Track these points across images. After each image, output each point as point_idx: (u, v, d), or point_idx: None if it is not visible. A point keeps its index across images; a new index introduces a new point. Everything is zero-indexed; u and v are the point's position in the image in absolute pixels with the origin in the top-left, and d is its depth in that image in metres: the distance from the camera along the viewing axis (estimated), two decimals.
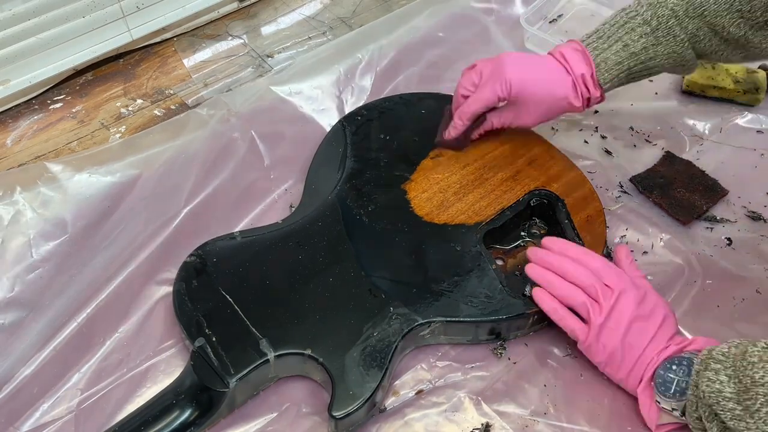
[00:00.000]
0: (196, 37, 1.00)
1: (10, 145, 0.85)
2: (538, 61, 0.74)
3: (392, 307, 0.66)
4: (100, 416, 0.63)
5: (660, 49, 0.71)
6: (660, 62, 0.72)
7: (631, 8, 0.72)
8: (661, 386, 0.60)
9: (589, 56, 0.72)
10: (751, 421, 0.52)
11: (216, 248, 0.70)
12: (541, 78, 0.73)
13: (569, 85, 0.73)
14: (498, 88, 0.72)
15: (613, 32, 0.72)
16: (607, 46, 0.72)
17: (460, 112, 0.76)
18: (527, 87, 0.72)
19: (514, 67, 0.72)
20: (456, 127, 0.77)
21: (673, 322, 0.64)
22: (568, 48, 0.74)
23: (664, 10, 0.70)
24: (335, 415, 0.60)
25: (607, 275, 0.65)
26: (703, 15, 0.68)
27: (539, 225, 0.77)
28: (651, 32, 0.70)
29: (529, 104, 0.74)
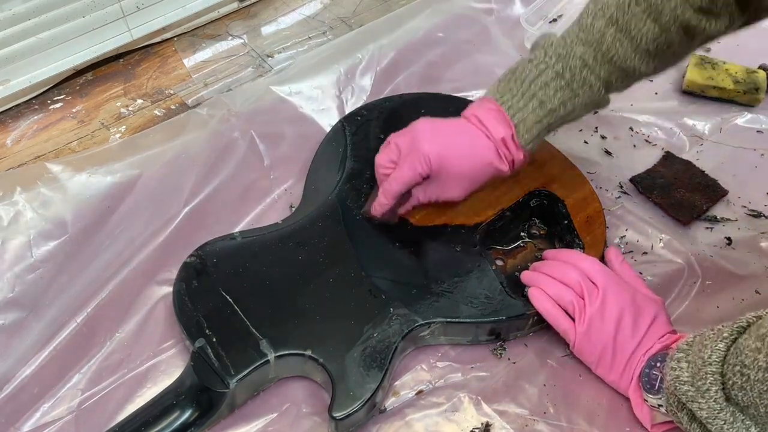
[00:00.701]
0: (196, 37, 1.00)
1: (10, 145, 0.85)
2: (455, 130, 0.69)
3: (392, 307, 0.66)
4: (101, 416, 0.63)
5: (578, 101, 0.67)
6: (578, 113, 0.69)
7: (537, 59, 0.67)
8: (647, 384, 0.61)
9: (506, 117, 0.68)
10: (703, 401, 0.53)
11: (216, 248, 0.70)
12: (461, 148, 0.68)
13: (492, 151, 0.68)
14: (417, 166, 0.68)
15: (525, 89, 0.67)
16: (523, 104, 0.67)
17: (383, 191, 0.70)
18: (448, 160, 0.68)
19: (430, 140, 0.68)
20: (381, 205, 0.71)
21: (664, 321, 0.64)
22: (483, 110, 0.69)
23: (575, 61, 0.66)
24: (335, 415, 0.60)
25: (594, 274, 0.66)
26: (612, 61, 0.65)
27: (539, 226, 0.77)
28: (566, 85, 0.66)
29: (453, 177, 0.69)
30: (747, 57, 0.96)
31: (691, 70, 0.92)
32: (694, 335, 0.58)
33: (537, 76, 0.67)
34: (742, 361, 0.51)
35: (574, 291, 0.65)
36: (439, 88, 0.92)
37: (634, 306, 0.64)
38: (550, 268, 0.68)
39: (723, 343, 0.53)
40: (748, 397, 0.50)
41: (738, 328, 0.53)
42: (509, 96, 0.68)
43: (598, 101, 0.69)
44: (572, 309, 0.65)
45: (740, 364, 0.51)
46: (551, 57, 0.67)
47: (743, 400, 0.51)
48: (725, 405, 0.52)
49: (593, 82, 0.66)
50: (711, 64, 0.93)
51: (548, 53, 0.67)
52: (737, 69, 0.92)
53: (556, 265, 0.68)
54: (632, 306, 0.64)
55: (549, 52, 0.67)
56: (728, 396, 0.53)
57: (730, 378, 0.52)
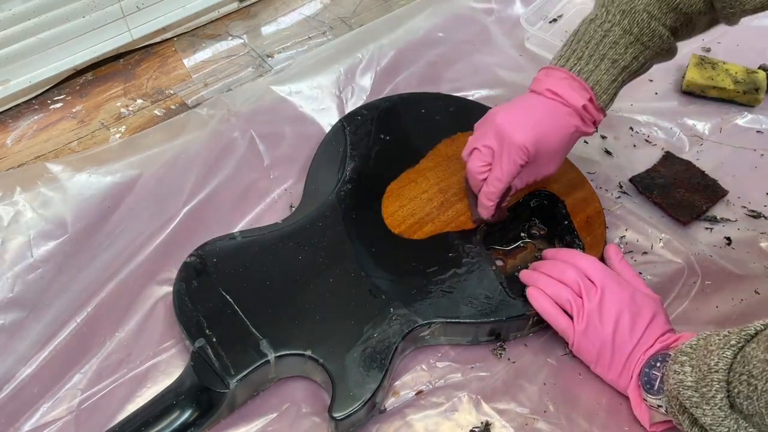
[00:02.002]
0: (196, 37, 1.00)
1: (10, 145, 0.85)
2: (535, 109, 0.69)
3: (392, 308, 0.66)
4: (101, 416, 0.63)
5: (648, 53, 0.68)
6: (648, 65, 0.70)
7: (600, 19, 0.68)
8: (646, 384, 0.61)
9: (580, 82, 0.67)
10: (707, 408, 0.53)
11: (216, 248, 0.70)
12: (548, 126, 0.68)
13: (576, 119, 0.68)
14: (517, 159, 0.67)
15: (593, 50, 0.67)
16: (593, 66, 0.67)
17: (487, 194, 0.70)
18: (542, 143, 0.67)
19: (520, 130, 0.67)
20: (488, 208, 0.70)
21: (663, 320, 0.64)
22: (554, 81, 0.68)
23: (641, 15, 0.66)
24: (335, 416, 0.60)
25: (593, 272, 0.66)
26: (678, 8, 0.66)
27: (539, 226, 0.77)
28: (636, 40, 0.67)
29: (547, 155, 0.69)
30: (747, 57, 0.96)
31: (691, 70, 0.92)
32: (697, 338, 0.57)
33: (604, 35, 0.67)
34: (749, 371, 0.51)
35: (573, 290, 0.65)
36: (439, 88, 0.92)
37: (632, 305, 0.64)
38: (549, 267, 0.68)
39: (730, 350, 0.53)
40: (754, 406, 0.50)
41: (745, 335, 0.53)
42: (575, 59, 0.68)
43: (669, 50, 0.69)
44: (570, 308, 0.65)
45: (747, 373, 0.51)
46: (615, 14, 0.67)
47: (748, 409, 0.51)
48: (730, 412, 0.52)
49: (662, 33, 0.67)
50: (711, 64, 0.93)
51: (611, 11, 0.67)
52: (737, 69, 0.92)
53: (554, 264, 0.68)
54: (631, 305, 0.64)
55: (611, 9, 0.67)
56: (733, 404, 0.52)
57: (736, 386, 0.52)
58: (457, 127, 0.83)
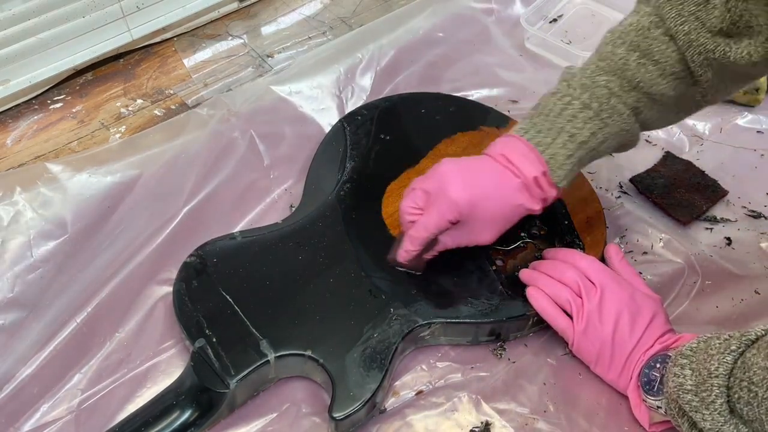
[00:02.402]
0: (196, 37, 1.00)
1: (10, 145, 0.85)
2: (483, 172, 0.66)
3: (392, 308, 0.66)
4: (101, 416, 0.63)
5: (608, 130, 0.64)
6: (609, 144, 0.66)
7: (561, 92, 0.65)
8: (646, 385, 0.61)
9: (536, 154, 0.64)
10: (707, 413, 0.53)
11: (216, 248, 0.70)
12: (490, 192, 0.65)
13: (522, 192, 0.65)
14: (447, 213, 0.64)
15: (552, 123, 0.64)
16: (551, 139, 0.64)
17: (409, 238, 0.66)
18: (478, 205, 0.64)
19: (459, 186, 0.64)
20: (408, 252, 0.67)
21: (663, 320, 0.64)
22: (510, 148, 0.65)
23: (600, 90, 0.63)
24: (335, 416, 0.60)
25: (592, 272, 0.66)
26: (639, 87, 0.63)
27: (539, 226, 0.77)
28: (595, 115, 0.63)
29: (483, 221, 0.66)
30: None
31: None
32: (698, 340, 0.57)
33: (563, 109, 0.64)
34: (750, 378, 0.50)
35: (572, 290, 0.65)
36: (439, 88, 0.92)
37: (632, 304, 0.64)
38: (549, 267, 0.68)
39: (731, 356, 0.53)
40: (754, 412, 0.50)
41: (746, 341, 0.53)
42: (535, 132, 0.65)
43: (630, 132, 0.66)
44: (570, 308, 0.65)
45: (748, 380, 0.51)
46: (575, 89, 0.64)
47: (748, 415, 0.51)
48: (729, 417, 0.52)
49: (622, 110, 0.64)
50: None
51: (572, 85, 0.65)
52: None
53: (554, 264, 0.68)
54: (631, 304, 0.64)
55: (572, 83, 0.65)
56: (732, 409, 0.52)
57: (737, 392, 0.51)
58: (457, 127, 0.83)
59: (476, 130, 0.83)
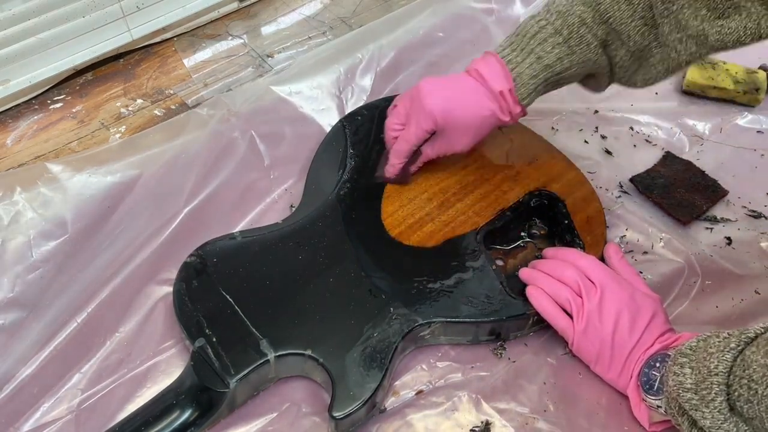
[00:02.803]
0: (196, 37, 1.00)
1: (10, 145, 0.85)
2: (457, 84, 0.71)
3: (392, 307, 0.66)
4: (101, 416, 0.63)
5: (574, 58, 0.68)
6: (574, 71, 0.69)
7: (540, 16, 0.69)
8: (645, 384, 0.61)
9: (506, 70, 0.69)
10: (707, 410, 0.53)
11: (216, 248, 0.70)
12: (463, 102, 0.70)
13: (493, 102, 0.70)
14: (423, 123, 0.71)
15: (525, 44, 0.69)
16: (521, 59, 0.69)
17: (394, 152, 0.74)
18: (451, 114, 0.70)
19: (432, 97, 0.70)
20: (394, 166, 0.75)
21: (662, 320, 0.64)
22: (484, 64, 0.71)
23: (573, 18, 0.67)
24: (335, 415, 0.60)
25: (592, 271, 0.66)
26: (609, 22, 0.66)
27: (539, 225, 0.77)
28: (563, 42, 0.67)
29: (459, 130, 0.72)
30: (747, 57, 0.95)
31: (691, 70, 0.92)
32: (697, 339, 0.57)
33: (537, 32, 0.68)
34: (750, 375, 0.51)
35: (572, 289, 0.65)
36: None
37: (632, 304, 0.64)
38: (549, 266, 0.68)
39: (730, 353, 0.53)
40: (754, 410, 0.50)
41: (745, 338, 0.53)
42: (509, 50, 0.70)
43: (597, 63, 0.69)
44: (570, 307, 0.65)
45: (748, 377, 0.51)
46: (552, 14, 0.68)
47: (748, 413, 0.51)
48: (729, 415, 0.52)
49: (590, 40, 0.67)
50: (711, 64, 0.93)
51: (550, 10, 0.68)
52: (737, 69, 0.92)
53: (554, 263, 0.68)
54: (630, 304, 0.64)
55: (551, 9, 0.68)
56: (732, 406, 0.52)
57: (736, 390, 0.51)
58: None
59: None
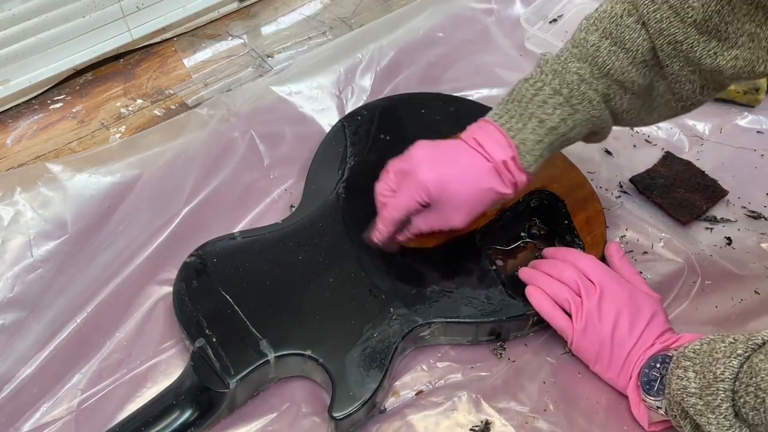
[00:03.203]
0: (196, 37, 1.00)
1: (10, 145, 0.85)
2: (454, 154, 0.66)
3: (392, 307, 0.67)
4: (101, 417, 0.63)
5: (578, 117, 0.64)
6: (579, 131, 0.66)
7: (534, 78, 0.65)
8: (645, 385, 0.61)
9: (507, 139, 0.65)
10: (712, 416, 0.53)
11: (216, 248, 0.70)
12: (460, 174, 0.65)
13: (492, 175, 0.65)
14: (415, 194, 0.65)
15: (524, 109, 0.65)
16: (522, 125, 0.64)
17: (382, 218, 0.68)
18: (447, 187, 0.64)
19: (428, 168, 0.64)
20: (381, 233, 0.68)
21: (662, 319, 0.64)
22: (481, 132, 0.66)
23: (571, 77, 0.63)
24: (335, 416, 0.60)
25: (592, 271, 0.66)
26: (609, 74, 0.63)
27: (539, 226, 0.77)
28: (565, 101, 0.64)
29: (454, 204, 0.66)
30: None
31: None
32: (701, 342, 0.57)
33: (534, 94, 0.64)
34: (757, 383, 0.50)
35: (572, 289, 0.65)
36: (439, 88, 0.92)
37: (631, 304, 0.64)
38: (548, 266, 0.68)
39: (737, 360, 0.52)
40: (760, 417, 0.50)
41: (753, 345, 0.53)
42: (507, 117, 0.65)
43: (600, 119, 0.66)
44: (569, 307, 0.65)
45: (755, 385, 0.51)
46: (547, 74, 0.65)
47: (754, 420, 0.51)
48: (734, 421, 0.52)
49: (592, 96, 0.64)
50: None
51: (544, 71, 0.65)
52: None
53: (553, 263, 0.68)
54: (630, 304, 0.64)
55: (545, 69, 0.65)
56: (737, 413, 0.52)
57: (743, 397, 0.51)
58: (457, 128, 0.83)
59: None
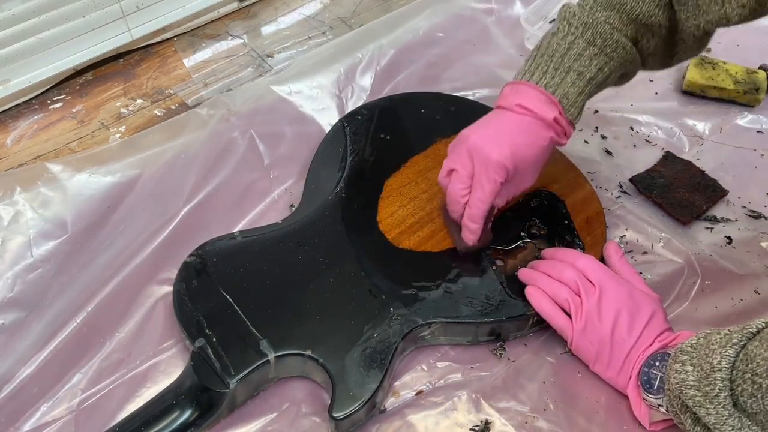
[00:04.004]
0: (196, 37, 1.00)
1: (10, 145, 0.85)
2: (507, 126, 0.67)
3: (392, 307, 0.66)
4: (101, 416, 0.63)
5: (613, 64, 0.67)
6: (613, 77, 0.69)
7: (563, 32, 0.67)
8: (645, 383, 0.61)
9: (548, 96, 0.66)
10: (711, 407, 0.53)
11: (216, 248, 0.70)
12: (524, 141, 0.66)
13: (550, 131, 0.67)
14: (497, 177, 0.66)
15: (558, 63, 0.66)
16: (560, 80, 0.66)
17: (471, 216, 0.68)
18: (519, 158, 0.66)
19: (496, 147, 0.65)
20: (474, 232, 0.68)
21: (662, 319, 0.64)
22: (522, 96, 0.67)
23: (603, 27, 0.66)
24: (335, 416, 0.60)
25: (591, 271, 0.66)
26: (638, 19, 0.66)
27: (539, 226, 0.77)
28: (599, 52, 0.66)
29: (525, 170, 0.68)
30: (747, 57, 0.96)
31: (691, 70, 0.92)
32: (697, 337, 0.57)
33: (568, 48, 0.66)
34: (753, 370, 0.51)
35: (571, 289, 0.65)
36: (439, 88, 0.92)
37: (631, 303, 0.64)
38: (548, 266, 0.68)
39: (733, 349, 0.53)
40: (758, 404, 0.50)
41: (747, 333, 0.53)
42: (541, 74, 0.67)
43: (633, 61, 0.69)
44: (569, 307, 0.65)
45: (751, 372, 0.51)
46: (577, 27, 0.66)
47: (753, 407, 0.51)
48: (733, 411, 0.52)
49: (625, 43, 0.66)
50: (711, 65, 0.93)
51: (573, 23, 0.67)
52: (737, 69, 0.92)
53: (553, 263, 0.68)
54: (629, 303, 0.64)
55: (573, 22, 0.67)
56: (736, 402, 0.52)
57: (740, 385, 0.52)
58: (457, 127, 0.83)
59: None
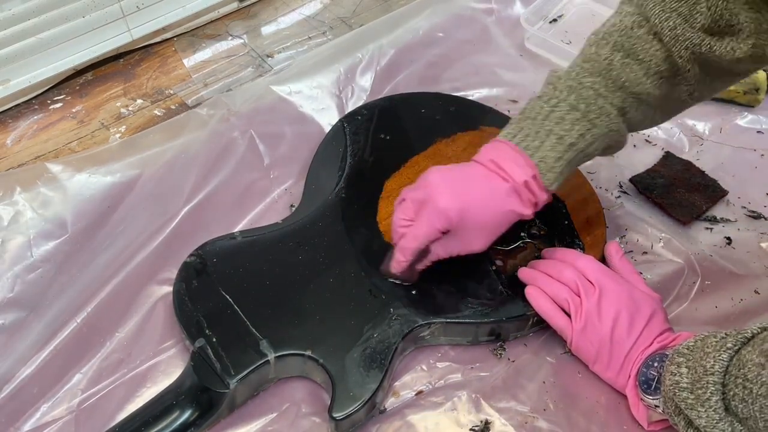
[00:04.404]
0: (196, 37, 1.00)
1: (10, 145, 0.85)
2: (471, 179, 0.65)
3: (392, 308, 0.67)
4: (101, 416, 0.63)
5: (596, 131, 0.64)
6: (597, 146, 0.65)
7: (547, 95, 0.65)
8: (643, 384, 0.61)
9: (525, 158, 0.63)
10: (702, 410, 0.53)
11: (216, 248, 0.70)
12: (480, 198, 0.64)
13: (513, 197, 0.64)
14: (436, 222, 0.63)
15: (540, 126, 0.64)
16: (539, 142, 0.63)
17: (400, 249, 0.66)
18: (468, 213, 0.63)
19: (447, 194, 0.63)
20: (399, 263, 0.66)
21: (661, 319, 0.64)
22: (498, 153, 0.65)
23: (587, 92, 0.63)
24: (335, 416, 0.60)
25: (591, 271, 0.66)
26: (625, 87, 0.63)
27: (539, 226, 0.77)
28: (582, 117, 0.63)
29: (474, 229, 0.65)
30: None
31: None
32: (695, 339, 0.57)
33: (550, 111, 0.64)
34: (744, 375, 0.51)
35: (571, 289, 0.65)
36: (439, 88, 0.92)
37: (631, 304, 0.64)
38: (547, 266, 0.68)
39: (726, 353, 0.53)
40: (748, 409, 0.50)
41: (742, 338, 0.53)
42: (522, 135, 0.64)
43: (618, 132, 0.65)
44: (569, 307, 0.65)
45: (743, 377, 0.51)
46: (562, 91, 0.64)
47: (743, 412, 0.51)
48: (724, 415, 0.52)
49: (609, 110, 0.63)
50: None
51: (558, 87, 0.65)
52: None
53: (552, 263, 0.68)
54: (629, 303, 0.64)
55: (558, 86, 0.65)
56: (728, 406, 0.52)
57: (732, 389, 0.52)
58: (457, 128, 0.83)
59: (476, 130, 0.83)
